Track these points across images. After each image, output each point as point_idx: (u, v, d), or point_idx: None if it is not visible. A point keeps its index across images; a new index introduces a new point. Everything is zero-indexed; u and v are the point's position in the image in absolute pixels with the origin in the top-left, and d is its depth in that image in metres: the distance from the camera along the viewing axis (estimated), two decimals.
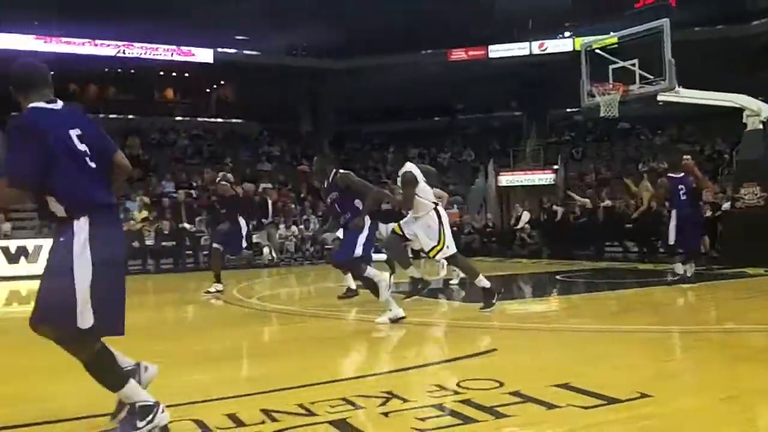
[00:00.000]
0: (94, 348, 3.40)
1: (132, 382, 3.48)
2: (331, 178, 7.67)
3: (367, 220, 7.45)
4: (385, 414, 3.77)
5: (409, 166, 7.90)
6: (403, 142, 31.70)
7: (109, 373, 3.46)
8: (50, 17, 26.18)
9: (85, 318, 3.23)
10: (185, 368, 5.45)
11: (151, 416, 3.43)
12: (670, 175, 10.68)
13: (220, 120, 33.02)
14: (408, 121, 32.62)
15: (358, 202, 7.56)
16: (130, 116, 30.45)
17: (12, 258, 17.10)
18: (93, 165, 3.38)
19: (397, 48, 29.13)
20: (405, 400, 4.01)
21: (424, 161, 30.75)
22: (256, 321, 8.59)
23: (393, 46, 28.82)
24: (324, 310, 8.96)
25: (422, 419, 3.63)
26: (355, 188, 7.54)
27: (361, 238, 7.36)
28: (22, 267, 16.87)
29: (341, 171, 7.70)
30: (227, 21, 27.58)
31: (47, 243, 15.82)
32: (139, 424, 3.41)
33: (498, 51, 30.69)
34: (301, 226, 20.77)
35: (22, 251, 17.28)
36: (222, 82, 34.79)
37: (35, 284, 10.08)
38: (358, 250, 7.34)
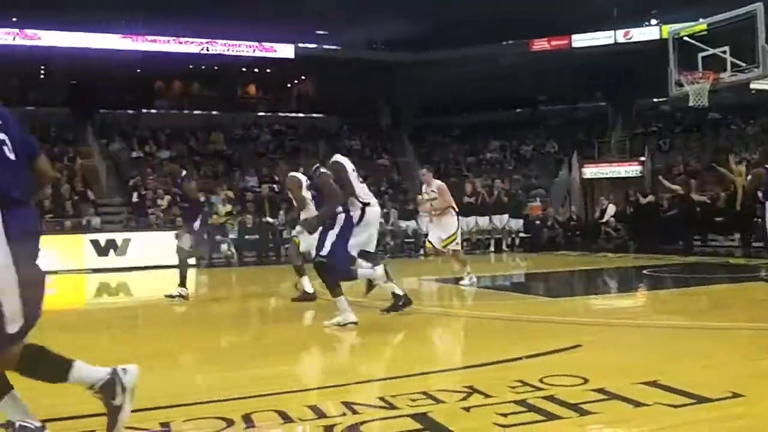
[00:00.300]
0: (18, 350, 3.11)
1: (79, 364, 3.29)
2: (311, 174, 7.33)
3: (341, 219, 7.01)
4: (467, 409, 3.73)
5: (338, 158, 7.51)
6: (485, 135, 31.47)
7: (47, 365, 3.25)
8: (136, 16, 27.01)
9: (14, 322, 2.94)
10: (269, 359, 5.54)
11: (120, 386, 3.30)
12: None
13: (301, 115, 33.36)
14: (489, 113, 32.24)
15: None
16: (214, 112, 31.11)
17: (101, 251, 17.64)
18: (12, 157, 3.07)
19: (477, 39, 28.84)
20: (486, 396, 3.96)
21: (505, 153, 30.46)
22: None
23: (473, 38, 28.53)
24: None
25: (504, 415, 3.57)
26: (322, 191, 7.12)
27: (331, 235, 6.96)
28: (111, 259, 17.43)
29: (322, 171, 7.22)
30: (308, 16, 27.86)
31: (135, 236, 16.36)
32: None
33: (582, 40, 30.04)
34: (381, 220, 20.81)
35: (112, 244, 17.79)
36: (303, 78, 35.17)
37: (124, 276, 10.45)
38: (325, 249, 6.93)
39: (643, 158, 26.80)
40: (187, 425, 3.59)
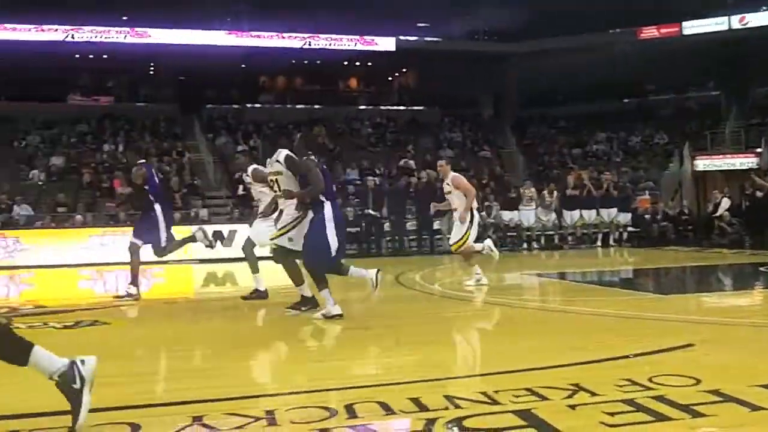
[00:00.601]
0: None
1: (38, 350, 3.34)
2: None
3: (329, 211, 6.93)
4: (572, 407, 3.63)
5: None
6: (591, 126, 30.71)
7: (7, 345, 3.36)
8: (241, 13, 27.70)
9: None
10: (373, 351, 5.57)
11: (78, 375, 3.33)
12: None
13: (402, 108, 33.48)
14: (595, 104, 31.43)
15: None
16: (316, 106, 31.60)
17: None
18: None
19: (583, 28, 28.15)
20: (593, 394, 3.84)
21: (612, 145, 29.63)
22: (437, 307, 8.62)
23: (579, 27, 27.86)
24: (506, 298, 8.85)
25: (611, 414, 3.45)
26: (308, 175, 7.01)
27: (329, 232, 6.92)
28: (218, 250, 17.83)
29: (311, 156, 7.15)
30: (409, 9, 27.86)
31: (241, 228, 16.81)
32: (75, 385, 3.33)
33: (693, 27, 28.86)
34: (483, 213, 20.62)
35: (218, 235, 18.19)
36: (404, 70, 35.25)
37: (230, 266, 10.75)
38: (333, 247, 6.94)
39: (759, 150, 25.53)
40: (290, 414, 3.63)
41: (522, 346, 5.73)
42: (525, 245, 19.65)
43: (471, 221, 9.69)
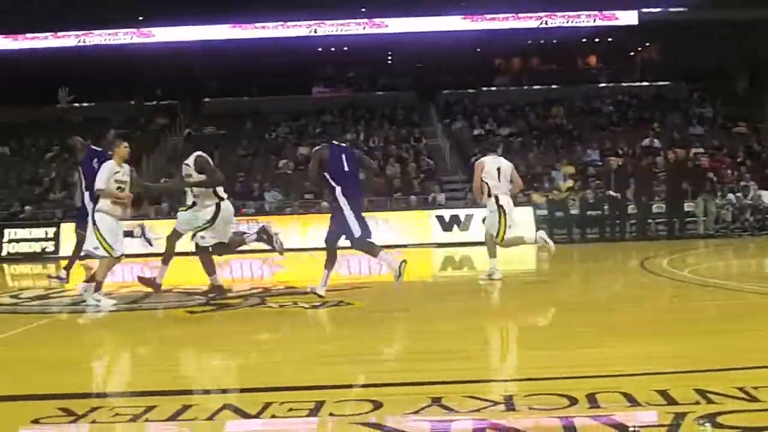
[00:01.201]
0: None
1: None
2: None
3: (340, 195, 7.32)
4: None
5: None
6: None
7: None
8: None
9: None
10: (617, 339, 5.37)
11: None
12: None
13: (645, 83, 31.87)
14: None
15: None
16: (553, 86, 30.91)
17: (446, 226, 18.55)
18: None
19: None
20: None
21: None
22: (687, 295, 8.11)
23: None
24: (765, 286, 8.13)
25: None
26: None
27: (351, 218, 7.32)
28: (455, 234, 18.24)
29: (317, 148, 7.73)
30: None
31: (477, 212, 16.96)
32: None
33: None
34: (739, 194, 19.08)
35: (455, 220, 18.64)
36: (647, 44, 33.52)
37: (466, 250, 10.91)
38: (356, 230, 7.32)
39: None
40: (528, 400, 3.57)
41: None
42: None
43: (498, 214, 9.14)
